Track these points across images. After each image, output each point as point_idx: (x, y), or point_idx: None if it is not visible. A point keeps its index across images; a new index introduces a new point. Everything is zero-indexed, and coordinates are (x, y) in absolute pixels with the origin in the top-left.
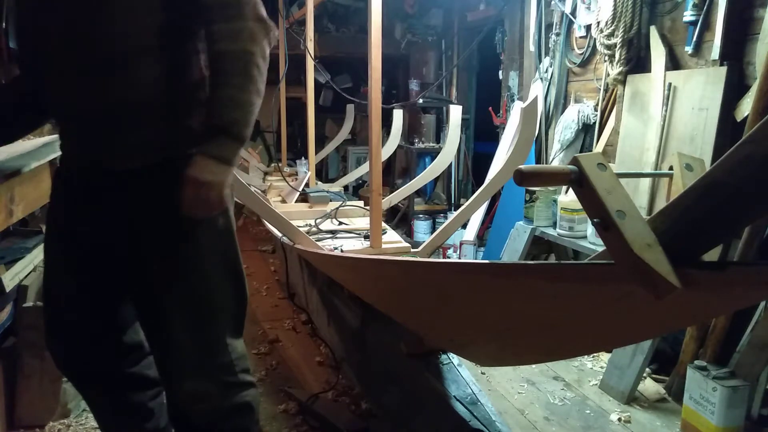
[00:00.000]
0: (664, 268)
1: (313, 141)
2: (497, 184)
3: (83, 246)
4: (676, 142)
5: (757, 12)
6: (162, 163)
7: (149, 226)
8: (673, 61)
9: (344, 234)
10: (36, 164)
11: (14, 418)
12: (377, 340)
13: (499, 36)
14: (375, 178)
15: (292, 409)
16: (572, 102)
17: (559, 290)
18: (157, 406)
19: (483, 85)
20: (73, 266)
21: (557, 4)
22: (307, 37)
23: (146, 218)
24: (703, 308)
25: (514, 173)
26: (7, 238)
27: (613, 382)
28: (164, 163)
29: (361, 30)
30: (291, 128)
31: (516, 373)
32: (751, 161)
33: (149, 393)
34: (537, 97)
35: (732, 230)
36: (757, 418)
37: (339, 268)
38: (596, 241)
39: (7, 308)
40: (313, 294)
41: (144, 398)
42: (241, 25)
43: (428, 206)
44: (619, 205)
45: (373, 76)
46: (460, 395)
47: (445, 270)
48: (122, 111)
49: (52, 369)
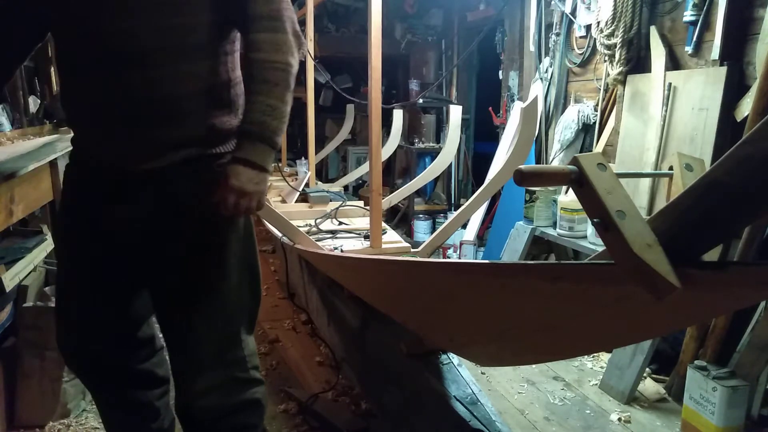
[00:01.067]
0: (664, 268)
1: (313, 141)
2: (497, 184)
3: (103, 243)
4: (676, 142)
5: (757, 12)
6: (189, 160)
7: (176, 223)
8: (673, 61)
9: (344, 234)
10: (36, 164)
11: (14, 418)
12: (377, 340)
13: (499, 36)
14: (375, 178)
15: (292, 409)
16: (572, 102)
17: (559, 290)
18: (163, 406)
19: (483, 85)
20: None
21: (557, 4)
22: (307, 37)
23: (173, 215)
24: (703, 308)
25: (514, 173)
26: (7, 238)
27: (613, 382)
28: (191, 160)
29: (361, 30)
30: (291, 128)
31: (516, 373)
32: (751, 161)
33: (156, 392)
34: (537, 97)
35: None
36: (757, 418)
37: (339, 268)
38: (596, 241)
39: (7, 308)
40: (313, 294)
41: (151, 397)
42: (284, 38)
43: (428, 206)
44: (619, 205)
45: (373, 76)
46: (460, 395)
47: (445, 270)
48: (160, 108)
49: (52, 369)
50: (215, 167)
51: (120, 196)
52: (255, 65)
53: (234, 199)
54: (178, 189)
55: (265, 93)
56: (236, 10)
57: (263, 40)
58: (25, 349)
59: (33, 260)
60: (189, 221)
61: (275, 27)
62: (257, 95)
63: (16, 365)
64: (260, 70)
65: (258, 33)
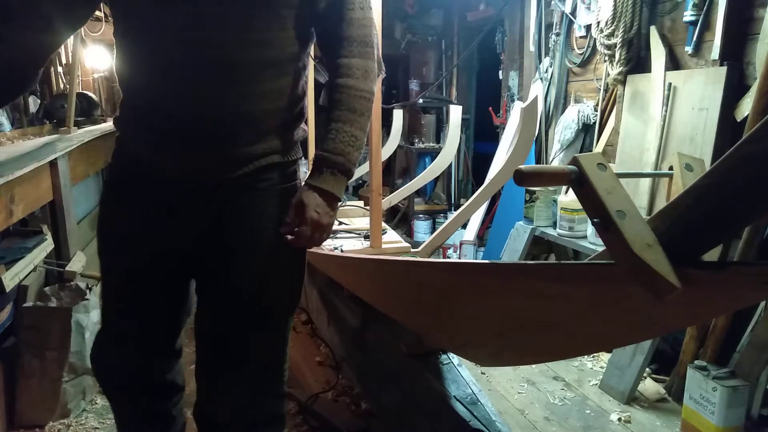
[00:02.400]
0: (664, 268)
1: (314, 141)
2: (497, 184)
3: (161, 252)
4: (676, 142)
5: (757, 12)
6: (262, 169)
7: (245, 235)
8: (673, 61)
9: (344, 234)
10: (36, 164)
11: (14, 418)
12: (377, 340)
13: (499, 36)
14: (375, 178)
15: (292, 409)
16: (572, 102)
17: (559, 290)
18: (178, 413)
19: (483, 85)
20: (146, 272)
21: (557, 4)
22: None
23: (241, 226)
24: (703, 308)
25: (514, 173)
26: (7, 238)
27: (613, 382)
28: (264, 170)
29: None
30: None
31: (516, 373)
32: (751, 161)
33: (175, 399)
34: (537, 97)
35: (732, 230)
36: (757, 418)
37: (339, 268)
38: (596, 241)
39: (7, 308)
40: (313, 294)
41: (170, 405)
42: (371, 66)
43: (428, 206)
44: (619, 205)
45: None
46: (460, 395)
47: (445, 270)
48: (249, 120)
49: (52, 369)
50: (288, 175)
51: (185, 206)
52: (343, 92)
53: (309, 232)
54: (250, 198)
55: (350, 122)
56: (327, 31)
57: (356, 66)
58: (25, 349)
59: (33, 260)
60: (256, 233)
61: (367, 54)
62: (342, 124)
63: (16, 365)
64: (348, 97)
65: (350, 58)
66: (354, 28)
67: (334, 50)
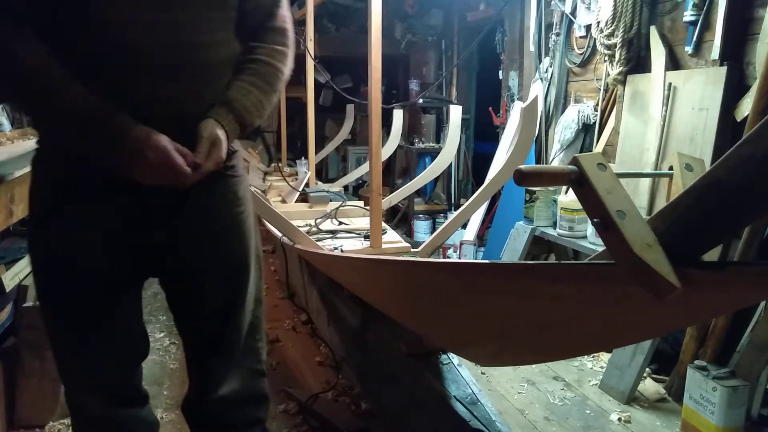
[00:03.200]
0: (664, 268)
1: (313, 141)
2: (497, 184)
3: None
4: (676, 142)
5: (757, 12)
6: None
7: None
8: (673, 61)
9: (344, 234)
10: None
11: (14, 418)
12: (377, 340)
13: (499, 36)
14: (375, 178)
15: (292, 409)
16: (572, 102)
17: (559, 290)
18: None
19: (483, 85)
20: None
21: (557, 4)
22: (307, 37)
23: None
24: (703, 308)
25: (514, 173)
26: (7, 238)
27: (613, 382)
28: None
29: (361, 30)
30: (291, 128)
31: (516, 373)
32: (751, 161)
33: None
34: (537, 97)
35: (732, 230)
36: (757, 418)
37: (339, 268)
38: (596, 241)
39: (7, 308)
40: (313, 294)
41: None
42: (285, 51)
43: (428, 206)
44: (619, 205)
45: (373, 76)
46: (460, 395)
47: (445, 270)
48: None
49: (52, 369)
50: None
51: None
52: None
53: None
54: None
55: (264, 92)
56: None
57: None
58: (25, 349)
59: None
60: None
61: (280, 41)
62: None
63: (16, 365)
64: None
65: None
66: (279, 21)
67: (261, 38)
